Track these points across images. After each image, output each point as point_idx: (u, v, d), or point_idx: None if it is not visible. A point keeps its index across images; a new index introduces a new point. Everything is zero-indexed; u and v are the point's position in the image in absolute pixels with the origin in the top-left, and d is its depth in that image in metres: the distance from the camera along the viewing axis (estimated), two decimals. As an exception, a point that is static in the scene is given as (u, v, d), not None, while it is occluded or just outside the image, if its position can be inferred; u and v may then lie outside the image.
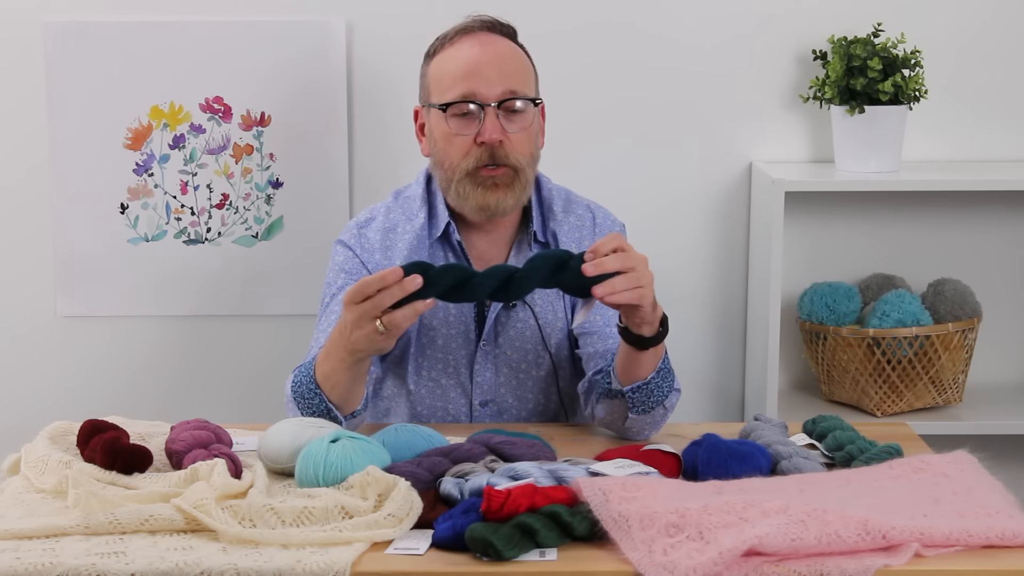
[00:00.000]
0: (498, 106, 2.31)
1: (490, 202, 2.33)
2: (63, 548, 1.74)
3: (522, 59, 2.38)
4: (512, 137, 2.33)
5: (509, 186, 2.33)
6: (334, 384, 2.19)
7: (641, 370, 2.20)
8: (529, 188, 2.38)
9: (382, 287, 2.03)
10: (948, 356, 2.90)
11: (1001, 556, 1.73)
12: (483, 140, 2.31)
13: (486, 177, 2.32)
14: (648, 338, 2.16)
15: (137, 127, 3.03)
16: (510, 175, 2.33)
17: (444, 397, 2.44)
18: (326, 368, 2.19)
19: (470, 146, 2.32)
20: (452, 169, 2.34)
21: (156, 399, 3.11)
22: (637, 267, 2.07)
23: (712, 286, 3.11)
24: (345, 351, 2.13)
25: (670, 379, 2.23)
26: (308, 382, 2.21)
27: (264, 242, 3.08)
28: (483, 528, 1.72)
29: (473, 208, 2.35)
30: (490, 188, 2.33)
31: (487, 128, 2.31)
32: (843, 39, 2.92)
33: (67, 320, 3.10)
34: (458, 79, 2.32)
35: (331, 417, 2.21)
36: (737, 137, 3.06)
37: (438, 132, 2.36)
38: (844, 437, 2.10)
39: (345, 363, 2.15)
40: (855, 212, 3.08)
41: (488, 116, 2.31)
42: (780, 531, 1.67)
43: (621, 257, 2.06)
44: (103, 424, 2.07)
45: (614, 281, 2.05)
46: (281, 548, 1.74)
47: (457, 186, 2.34)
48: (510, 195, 2.34)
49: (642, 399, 2.21)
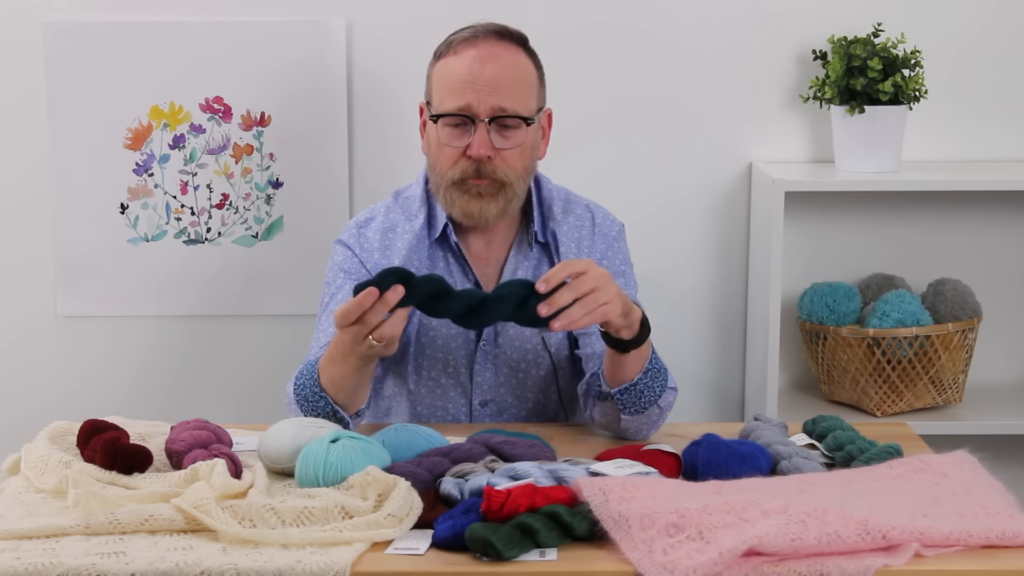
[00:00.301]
0: (490, 122, 2.32)
1: (473, 210, 2.35)
2: (63, 548, 1.74)
3: (523, 74, 2.36)
4: (503, 153, 2.33)
5: (493, 196, 2.35)
6: (340, 387, 2.21)
7: (627, 372, 2.20)
8: (517, 199, 2.38)
9: (362, 311, 2.05)
10: (948, 356, 2.90)
11: (1001, 556, 1.73)
12: (471, 155, 2.32)
13: (471, 186, 2.34)
14: (628, 341, 2.17)
15: (137, 127, 3.03)
16: (495, 187, 2.34)
17: (444, 397, 2.44)
18: (331, 372, 2.20)
19: (459, 157, 2.33)
20: (441, 176, 2.36)
21: (156, 399, 3.11)
22: (596, 287, 2.07)
23: (712, 286, 3.11)
24: (352, 356, 2.16)
25: (661, 379, 2.23)
26: (312, 386, 2.23)
27: (264, 242, 3.08)
28: (483, 528, 1.72)
29: (459, 214, 2.37)
30: (474, 197, 2.34)
31: (475, 143, 2.31)
32: (843, 39, 2.92)
33: (67, 320, 3.10)
34: (454, 91, 2.32)
35: (336, 418, 2.22)
36: (737, 137, 3.06)
37: (432, 138, 2.37)
38: (844, 437, 2.10)
39: (352, 366, 2.18)
40: (855, 212, 3.08)
41: (479, 131, 2.31)
42: (780, 531, 1.67)
43: (573, 287, 2.07)
44: (103, 424, 2.07)
45: (570, 312, 2.06)
46: (281, 548, 1.74)
47: (445, 193, 2.36)
48: (493, 205, 2.35)
49: (632, 400, 2.21)
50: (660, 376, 2.23)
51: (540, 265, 2.45)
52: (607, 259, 2.46)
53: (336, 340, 2.17)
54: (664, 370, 2.25)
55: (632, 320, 2.15)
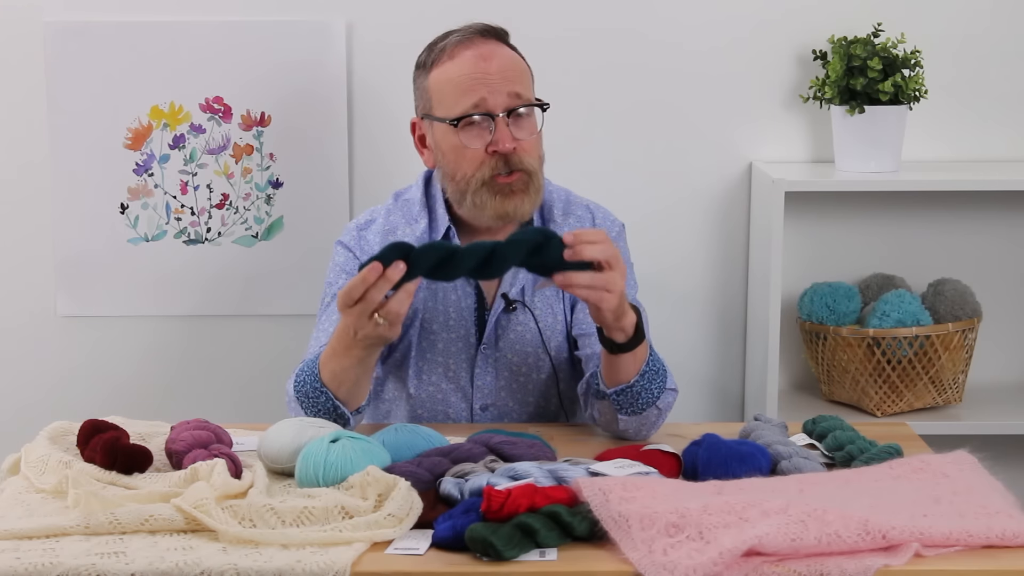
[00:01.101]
0: (507, 115, 2.32)
1: (508, 209, 2.33)
2: (63, 548, 1.74)
3: (521, 63, 2.38)
4: (523, 143, 2.33)
5: (524, 191, 2.34)
6: (342, 381, 2.20)
7: (623, 373, 2.20)
8: (543, 191, 2.38)
9: (367, 287, 2.04)
10: (948, 356, 2.90)
11: (1001, 556, 1.73)
12: (496, 150, 2.31)
13: (502, 185, 2.32)
14: (619, 344, 2.16)
15: (137, 127, 3.03)
16: (524, 180, 2.33)
17: (444, 401, 2.44)
18: (334, 367, 2.20)
19: (483, 157, 2.32)
20: (466, 181, 2.34)
21: (156, 399, 3.11)
22: (613, 269, 2.06)
23: (712, 286, 3.11)
24: (355, 347, 2.15)
25: (659, 381, 2.22)
26: (313, 382, 2.22)
27: (264, 242, 3.08)
28: (483, 528, 1.72)
29: (491, 216, 2.34)
30: (507, 195, 2.33)
31: (499, 137, 2.31)
32: (843, 39, 2.92)
33: (67, 320, 3.10)
34: (465, 92, 2.32)
35: (337, 414, 2.22)
36: (737, 137, 3.06)
37: (446, 145, 2.35)
38: (844, 437, 2.10)
39: (355, 358, 2.17)
40: (855, 212, 3.08)
41: (499, 125, 2.31)
42: (780, 531, 1.67)
43: (602, 249, 2.06)
44: (103, 424, 2.07)
45: (578, 276, 2.05)
46: (281, 548, 1.74)
47: (473, 197, 2.33)
48: (527, 200, 2.34)
49: (629, 401, 2.20)
50: (658, 378, 2.22)
51: (540, 267, 2.44)
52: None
53: (339, 331, 2.16)
54: (663, 372, 2.24)
55: (625, 324, 2.14)
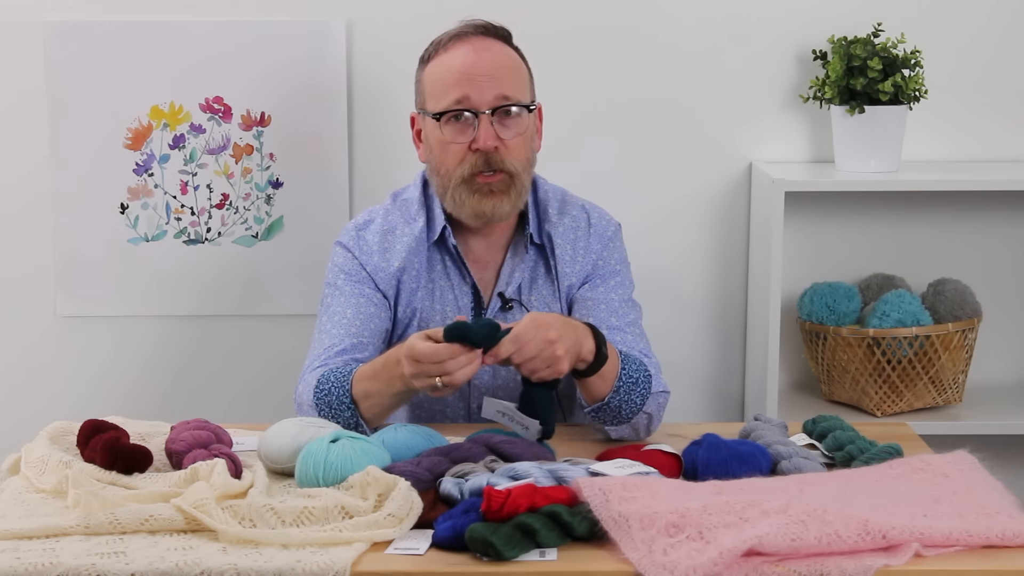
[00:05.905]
0: (492, 112, 2.31)
1: (486, 209, 2.33)
2: (63, 548, 1.74)
3: (516, 63, 2.38)
4: (507, 143, 2.32)
5: (505, 192, 2.33)
6: (374, 403, 2.19)
7: (596, 392, 2.20)
8: (525, 193, 2.38)
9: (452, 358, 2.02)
10: (948, 356, 2.90)
11: (1001, 556, 1.73)
12: (478, 147, 2.31)
13: (482, 184, 2.32)
14: (581, 371, 2.16)
15: (137, 127, 3.03)
16: (506, 181, 2.33)
17: (442, 401, 2.43)
18: (369, 387, 2.18)
19: (465, 153, 2.32)
20: (448, 176, 2.34)
21: (156, 399, 3.11)
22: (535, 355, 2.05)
23: (712, 286, 3.11)
24: (400, 384, 2.13)
25: (640, 390, 2.21)
26: (342, 394, 2.20)
27: (264, 242, 3.08)
28: (483, 528, 1.72)
29: (469, 215, 2.35)
30: (486, 195, 2.33)
31: (482, 135, 2.31)
32: (843, 39, 2.92)
33: (67, 320, 3.10)
34: (451, 86, 2.32)
35: (355, 428, 2.21)
36: (737, 137, 3.06)
37: (433, 139, 2.36)
38: (844, 437, 2.10)
39: (396, 393, 2.16)
40: (855, 212, 3.08)
41: (482, 123, 2.31)
42: (780, 531, 1.67)
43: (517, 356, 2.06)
44: (103, 424, 2.07)
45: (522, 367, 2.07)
46: (281, 548, 1.74)
47: (453, 193, 2.34)
48: (506, 201, 2.34)
49: (611, 415, 2.21)
50: (638, 387, 2.21)
51: (536, 267, 2.44)
52: (602, 259, 2.45)
53: (392, 364, 2.13)
54: (644, 380, 2.21)
55: (583, 355, 2.12)
